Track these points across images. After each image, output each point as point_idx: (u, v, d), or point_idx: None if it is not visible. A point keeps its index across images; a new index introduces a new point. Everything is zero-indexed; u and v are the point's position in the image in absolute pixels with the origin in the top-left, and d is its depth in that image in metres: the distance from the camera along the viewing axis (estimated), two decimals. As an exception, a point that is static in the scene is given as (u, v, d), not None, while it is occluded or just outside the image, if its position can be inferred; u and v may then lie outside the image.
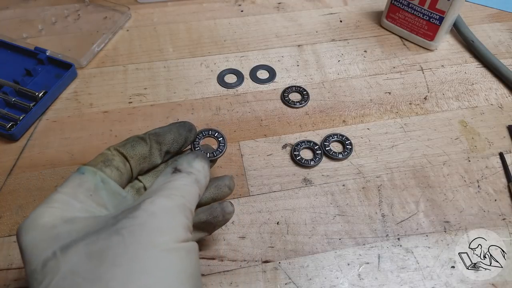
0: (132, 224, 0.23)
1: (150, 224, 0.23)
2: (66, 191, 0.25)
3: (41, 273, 0.22)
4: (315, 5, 0.57)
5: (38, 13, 0.55)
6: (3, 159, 0.40)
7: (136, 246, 0.22)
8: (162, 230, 0.23)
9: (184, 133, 0.31)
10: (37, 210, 0.24)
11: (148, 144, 0.29)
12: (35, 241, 0.23)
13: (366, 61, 0.50)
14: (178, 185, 0.26)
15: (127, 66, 0.49)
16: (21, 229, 0.24)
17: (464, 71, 0.50)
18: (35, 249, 0.23)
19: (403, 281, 0.34)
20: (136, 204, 0.24)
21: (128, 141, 0.29)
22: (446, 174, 0.40)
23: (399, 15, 0.52)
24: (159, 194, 0.25)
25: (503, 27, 0.55)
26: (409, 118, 0.45)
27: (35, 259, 0.22)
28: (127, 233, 0.22)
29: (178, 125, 0.31)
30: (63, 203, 0.25)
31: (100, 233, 0.23)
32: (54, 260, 0.22)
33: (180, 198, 0.25)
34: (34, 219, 0.24)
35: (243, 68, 0.49)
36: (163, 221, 0.23)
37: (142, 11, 0.56)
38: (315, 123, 0.44)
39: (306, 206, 0.38)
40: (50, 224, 0.24)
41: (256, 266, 0.34)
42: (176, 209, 0.24)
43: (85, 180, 0.26)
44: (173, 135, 0.30)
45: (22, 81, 0.45)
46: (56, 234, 0.23)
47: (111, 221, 0.23)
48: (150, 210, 0.23)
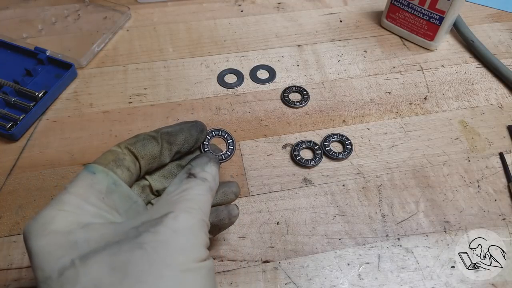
0: (155, 240, 0.22)
1: (174, 242, 0.22)
2: (77, 192, 0.24)
3: (57, 281, 0.21)
4: (315, 5, 0.57)
5: (38, 13, 0.55)
6: (3, 159, 0.40)
7: (160, 264, 0.21)
8: (185, 249, 0.23)
9: (196, 134, 0.30)
10: (47, 212, 0.23)
11: (160, 144, 0.28)
12: (49, 247, 0.22)
13: (366, 61, 0.50)
14: (195, 195, 0.26)
15: (127, 66, 0.49)
16: (31, 233, 0.23)
17: (464, 71, 0.50)
18: (50, 256, 0.22)
19: (403, 281, 0.34)
20: (157, 218, 0.23)
21: (138, 138, 0.28)
22: (446, 174, 0.40)
23: (399, 15, 0.52)
24: (180, 208, 0.24)
25: (503, 27, 0.55)
26: (409, 118, 0.45)
27: (49, 266, 0.22)
28: (151, 249, 0.22)
29: (190, 125, 0.30)
30: (75, 207, 0.24)
31: (122, 244, 0.22)
32: (72, 270, 0.21)
33: (199, 213, 0.25)
34: (46, 223, 0.23)
35: (243, 68, 0.49)
36: (186, 240, 0.23)
37: (142, 11, 0.56)
38: (315, 123, 0.44)
39: (306, 206, 0.38)
40: (65, 229, 0.23)
41: (256, 266, 0.34)
42: (197, 226, 0.24)
43: (97, 181, 0.25)
44: (185, 136, 0.29)
45: (22, 81, 0.45)
46: (74, 242, 0.22)
47: (132, 232, 0.23)
48: (173, 227, 0.23)
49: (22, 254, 0.34)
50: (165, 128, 0.29)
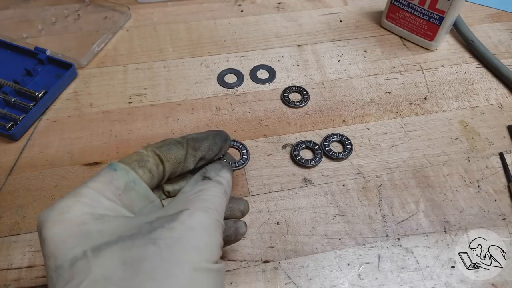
0: (169, 236, 0.22)
1: (188, 240, 0.22)
2: (95, 187, 0.25)
3: (69, 271, 0.21)
4: (315, 5, 0.57)
5: (38, 13, 0.55)
6: (3, 159, 0.40)
7: (173, 261, 0.21)
8: (199, 248, 0.22)
9: (220, 142, 0.30)
10: (64, 201, 0.24)
11: (185, 149, 0.28)
12: (62, 236, 0.22)
13: (366, 61, 0.50)
14: (211, 196, 0.26)
15: (127, 66, 0.49)
16: (47, 220, 0.23)
17: (464, 71, 0.50)
18: (63, 245, 0.22)
19: (403, 281, 0.34)
20: (173, 214, 0.23)
21: (164, 143, 0.28)
22: (446, 174, 0.40)
23: (399, 15, 0.52)
24: (196, 206, 0.24)
25: (503, 27, 0.55)
26: (409, 118, 0.45)
27: (62, 255, 0.22)
28: (164, 245, 0.22)
29: (215, 133, 0.30)
30: (91, 199, 0.24)
31: (135, 239, 0.22)
32: (84, 261, 0.21)
33: (215, 213, 0.25)
34: (62, 212, 0.23)
35: (243, 68, 0.49)
36: (201, 238, 0.23)
37: (142, 11, 0.56)
38: (315, 123, 0.44)
39: (306, 206, 0.38)
40: (79, 219, 0.23)
41: (256, 266, 0.34)
42: (212, 226, 0.24)
43: (116, 177, 0.25)
44: (209, 143, 0.30)
45: (22, 81, 0.45)
46: (86, 232, 0.22)
47: (146, 227, 0.23)
48: (189, 224, 0.23)
49: (22, 254, 0.35)
50: (191, 134, 0.30)
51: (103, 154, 0.41)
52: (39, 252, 0.35)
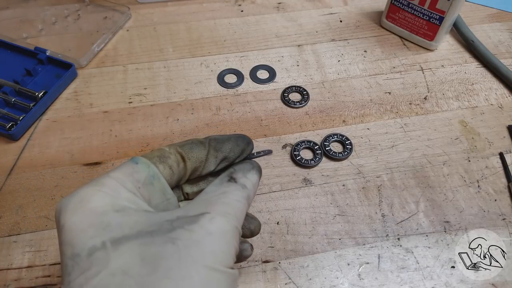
0: (188, 238, 0.22)
1: (206, 244, 0.22)
2: (116, 177, 0.25)
3: (86, 260, 0.21)
4: (315, 5, 0.57)
5: (38, 13, 0.55)
6: (3, 159, 0.40)
7: (190, 263, 0.21)
8: (216, 253, 0.23)
9: (242, 144, 0.30)
10: (84, 190, 0.24)
11: (207, 148, 0.29)
12: (82, 224, 0.22)
13: (366, 61, 0.50)
14: (233, 200, 0.26)
15: (127, 66, 0.49)
16: (67, 207, 0.23)
17: (464, 71, 0.50)
18: (82, 233, 0.22)
19: (403, 281, 0.34)
20: (193, 216, 0.24)
21: (187, 142, 0.29)
22: (446, 174, 0.40)
23: (399, 15, 0.52)
24: (217, 210, 0.24)
25: (503, 27, 0.55)
26: (409, 118, 0.45)
27: (80, 243, 0.22)
28: (183, 246, 0.22)
29: (237, 136, 0.30)
30: (112, 189, 0.24)
31: (154, 236, 0.22)
32: (103, 251, 0.21)
33: (234, 220, 0.25)
34: (83, 200, 0.23)
35: (243, 68, 0.49)
36: (218, 244, 0.23)
37: (142, 11, 0.56)
38: (315, 123, 0.44)
39: (306, 206, 0.38)
40: (100, 209, 0.23)
41: (256, 266, 0.34)
42: (231, 233, 0.24)
43: (137, 170, 0.26)
44: (231, 145, 0.30)
45: (22, 81, 0.45)
46: (107, 223, 0.22)
47: (167, 225, 0.23)
48: (208, 229, 0.23)
49: (22, 254, 0.35)
50: (214, 135, 0.30)
51: (103, 154, 0.41)
52: (39, 252, 0.35)
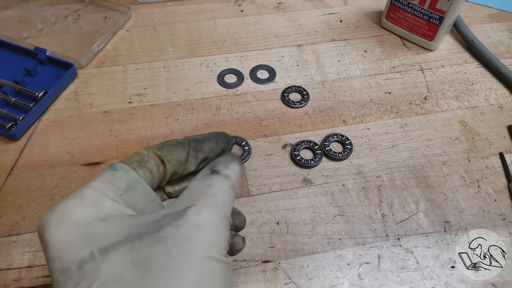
0: (177, 234, 0.22)
1: (196, 237, 0.22)
2: (96, 187, 0.24)
3: (77, 273, 0.21)
4: (315, 5, 0.57)
5: (38, 13, 0.55)
6: (3, 159, 0.40)
7: (182, 259, 0.21)
8: (207, 245, 0.22)
9: (222, 143, 0.30)
10: (65, 203, 0.23)
11: (186, 150, 0.28)
12: (67, 237, 0.22)
13: (366, 61, 0.50)
14: (218, 191, 0.25)
15: (127, 66, 0.49)
16: (49, 223, 0.22)
17: (464, 71, 0.50)
18: (69, 247, 0.22)
19: (403, 281, 0.34)
20: (179, 211, 0.23)
21: (165, 144, 0.28)
22: (446, 174, 0.40)
23: (399, 15, 0.52)
24: (203, 202, 0.24)
25: (503, 27, 0.55)
26: (409, 118, 0.45)
27: (68, 257, 0.21)
28: (172, 244, 0.22)
29: (218, 135, 0.30)
30: (94, 199, 0.24)
31: (142, 238, 0.22)
32: (92, 262, 0.21)
33: (222, 209, 0.24)
34: (65, 214, 0.23)
35: (243, 68, 0.49)
36: (209, 235, 0.23)
37: (142, 11, 0.56)
38: (315, 123, 0.44)
39: (306, 206, 0.38)
40: (83, 221, 0.23)
41: (256, 266, 0.34)
42: (220, 223, 0.24)
43: (117, 177, 0.25)
44: (212, 145, 0.29)
45: (22, 81, 0.45)
46: (92, 233, 0.22)
47: (153, 225, 0.23)
48: (196, 222, 0.23)
49: (22, 254, 0.35)
50: (193, 136, 0.30)
51: (103, 154, 0.41)
52: (39, 252, 0.35)
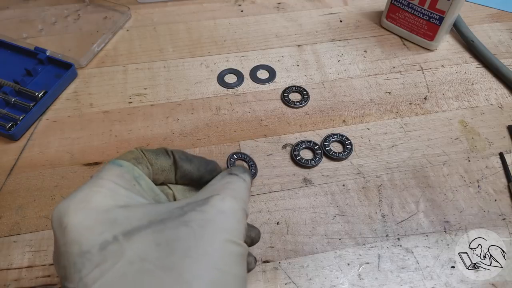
0: (201, 218, 0.23)
1: (219, 222, 0.23)
2: (110, 179, 0.25)
3: (99, 255, 0.21)
4: (315, 5, 0.57)
5: (38, 13, 0.55)
6: (3, 159, 0.40)
7: (206, 241, 0.22)
8: (229, 230, 0.23)
9: (203, 170, 0.30)
10: (83, 191, 0.23)
11: (171, 159, 0.29)
12: (88, 222, 0.22)
13: (366, 61, 0.50)
14: (238, 187, 0.26)
15: (127, 66, 0.49)
16: (68, 209, 0.22)
17: (464, 71, 0.50)
18: (89, 231, 0.22)
19: (403, 281, 0.34)
20: (204, 199, 0.24)
21: (153, 149, 0.29)
22: (446, 174, 0.40)
23: (399, 15, 0.52)
24: (226, 192, 0.25)
25: (503, 27, 0.55)
26: (409, 118, 0.45)
27: (89, 240, 0.21)
28: (197, 226, 0.22)
29: (205, 162, 0.30)
30: (111, 189, 0.24)
31: (166, 222, 0.22)
32: (116, 244, 0.21)
33: (242, 202, 0.25)
34: (84, 201, 0.23)
35: (243, 68, 0.49)
36: (231, 221, 0.24)
37: (142, 11, 0.56)
38: (315, 123, 0.44)
39: (306, 206, 0.38)
40: (103, 207, 0.23)
41: (256, 266, 0.34)
42: (240, 212, 0.25)
43: (125, 171, 0.26)
44: (191, 168, 0.29)
45: (22, 81, 0.45)
46: (114, 219, 0.22)
47: (177, 211, 0.23)
48: (220, 208, 0.24)
49: (22, 254, 0.35)
50: (182, 151, 0.30)
51: (103, 154, 0.41)
52: (39, 252, 0.35)
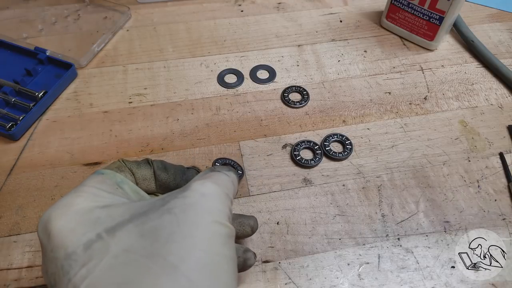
0: (183, 203, 0.23)
1: (201, 204, 0.23)
2: (91, 185, 0.25)
3: (84, 254, 0.21)
4: (315, 5, 0.57)
5: (38, 13, 0.55)
6: (3, 159, 0.40)
7: (190, 224, 0.22)
8: (212, 211, 0.23)
9: (179, 179, 0.30)
10: (65, 198, 0.24)
11: (152, 169, 0.30)
12: (71, 224, 0.22)
13: (366, 61, 0.50)
14: (221, 178, 0.26)
15: (127, 66, 0.49)
16: (51, 215, 0.23)
17: (464, 71, 0.50)
18: (72, 233, 0.22)
19: (403, 281, 0.34)
20: (185, 186, 0.25)
21: (134, 160, 0.30)
22: (446, 174, 0.40)
23: (399, 15, 0.52)
24: (207, 179, 0.25)
25: (503, 27, 0.55)
26: (409, 118, 0.45)
27: (73, 242, 0.22)
28: (179, 211, 0.22)
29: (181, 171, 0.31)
30: (92, 194, 0.25)
31: (149, 214, 0.23)
32: (100, 242, 0.22)
33: (224, 188, 0.26)
34: (65, 206, 0.23)
35: (243, 68, 0.49)
36: (213, 203, 0.24)
37: (142, 11, 0.56)
38: (315, 123, 0.44)
39: (306, 206, 0.38)
40: (85, 209, 0.23)
41: (256, 266, 0.34)
42: (223, 195, 0.25)
43: (107, 178, 0.27)
44: (167, 177, 0.30)
45: (22, 81, 0.45)
46: (96, 218, 0.23)
47: (159, 202, 0.24)
48: (201, 191, 0.24)
49: (22, 254, 0.35)
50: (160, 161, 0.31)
51: (103, 154, 0.41)
52: (39, 252, 0.35)
